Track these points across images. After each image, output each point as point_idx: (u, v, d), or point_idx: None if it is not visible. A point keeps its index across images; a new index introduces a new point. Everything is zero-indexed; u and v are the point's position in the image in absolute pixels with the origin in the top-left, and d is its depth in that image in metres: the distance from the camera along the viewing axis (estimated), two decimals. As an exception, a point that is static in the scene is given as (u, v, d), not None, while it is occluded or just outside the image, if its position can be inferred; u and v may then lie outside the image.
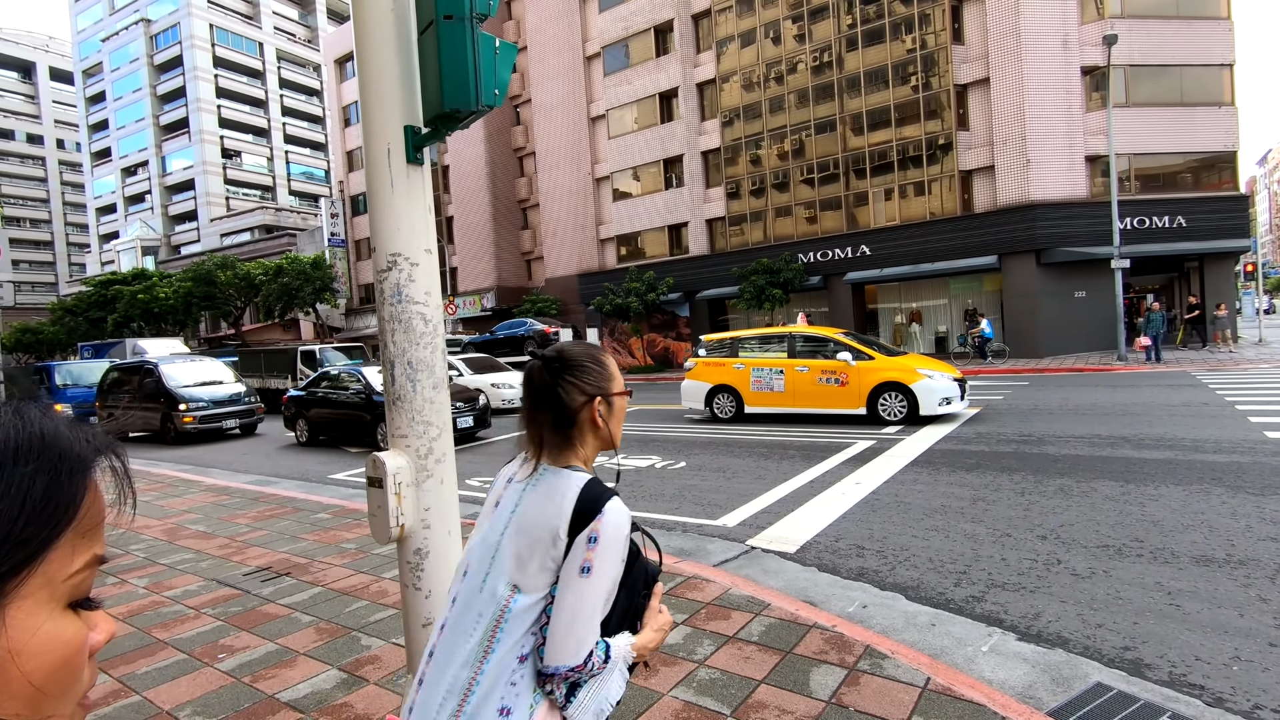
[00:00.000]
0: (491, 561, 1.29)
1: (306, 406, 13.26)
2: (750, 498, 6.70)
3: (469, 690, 1.21)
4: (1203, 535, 4.79)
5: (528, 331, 26.08)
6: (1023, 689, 2.97)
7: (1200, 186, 24.51)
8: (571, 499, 1.28)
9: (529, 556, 1.26)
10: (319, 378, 13.65)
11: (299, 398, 13.59)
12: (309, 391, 13.43)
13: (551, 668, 1.21)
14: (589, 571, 1.23)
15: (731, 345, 12.87)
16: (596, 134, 35.23)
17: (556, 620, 1.22)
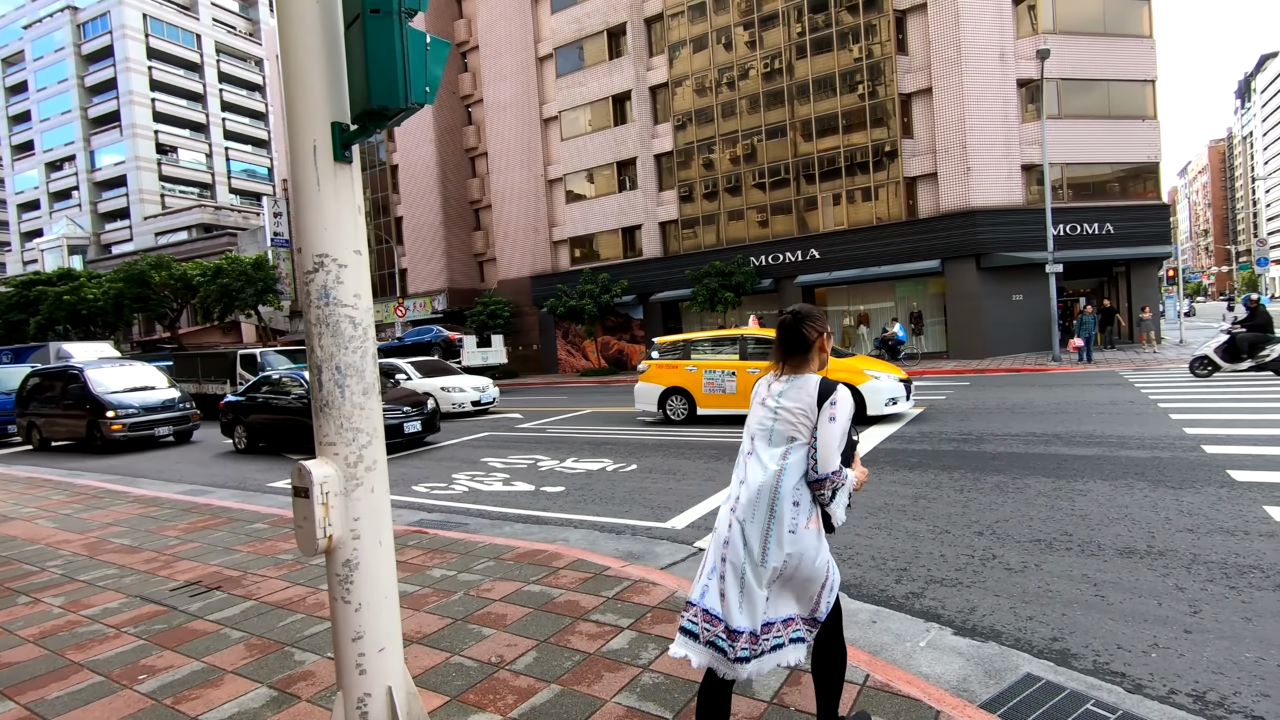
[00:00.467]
0: (773, 426, 2.35)
1: (245, 412, 12.78)
2: (700, 499, 6.73)
3: (775, 493, 2.26)
4: (1126, 528, 5.01)
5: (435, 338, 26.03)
6: (957, 682, 3.04)
7: (1127, 195, 25.81)
8: (815, 387, 2.33)
9: (798, 420, 2.30)
10: (259, 382, 13.17)
11: (237, 403, 13.08)
12: (249, 396, 12.94)
13: (819, 475, 2.26)
14: (834, 420, 2.27)
15: (684, 347, 12.93)
16: (549, 135, 35.05)
17: (821, 448, 2.25)
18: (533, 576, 4.55)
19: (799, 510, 2.25)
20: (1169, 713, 2.74)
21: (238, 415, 12.93)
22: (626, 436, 11.47)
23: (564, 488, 7.76)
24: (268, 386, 12.82)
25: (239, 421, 12.89)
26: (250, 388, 13.21)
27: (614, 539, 5.54)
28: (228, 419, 13.18)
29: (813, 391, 2.31)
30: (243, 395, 13.18)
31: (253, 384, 13.29)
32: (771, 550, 2.24)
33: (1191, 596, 3.81)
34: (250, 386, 13.26)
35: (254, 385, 13.18)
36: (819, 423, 2.27)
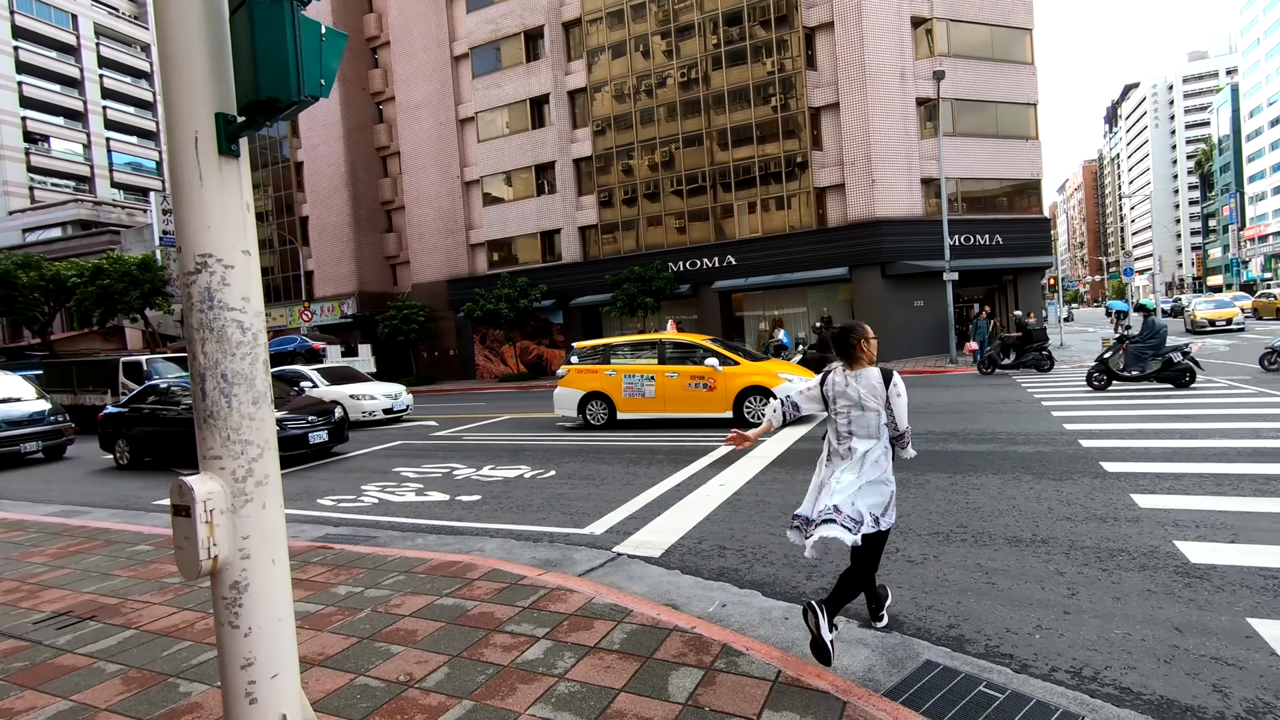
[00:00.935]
0: (862, 405, 3.33)
1: (129, 424, 11.79)
2: (618, 504, 6.73)
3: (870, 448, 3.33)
4: (1014, 519, 5.38)
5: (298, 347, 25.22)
6: (863, 673, 3.16)
7: (1013, 209, 27.85)
8: (879, 374, 3.33)
9: (874, 398, 3.30)
10: (145, 391, 12.19)
11: (119, 415, 12.05)
12: (133, 407, 11.95)
13: (897, 432, 3.38)
14: (900, 395, 3.32)
15: (604, 352, 12.93)
16: (466, 136, 34.33)
17: (896, 414, 3.34)
18: (446, 589, 4.41)
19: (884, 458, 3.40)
20: (1051, 689, 2.94)
21: (120, 428, 11.90)
22: (546, 443, 11.34)
23: (480, 496, 7.58)
24: (155, 396, 11.88)
25: (121, 435, 11.88)
26: (135, 398, 12.20)
27: (531, 547, 5.45)
28: (108, 432, 12.12)
29: (877, 379, 3.36)
30: (126, 406, 12.15)
31: (137, 394, 12.29)
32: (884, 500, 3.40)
33: (1070, 580, 4.12)
34: (135, 396, 12.25)
35: (139, 395, 12.18)
36: (889, 397, 3.34)
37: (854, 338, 3.40)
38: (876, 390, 3.33)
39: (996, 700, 2.87)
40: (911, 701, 2.89)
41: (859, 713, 2.72)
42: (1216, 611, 3.56)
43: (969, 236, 25.98)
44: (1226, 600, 3.68)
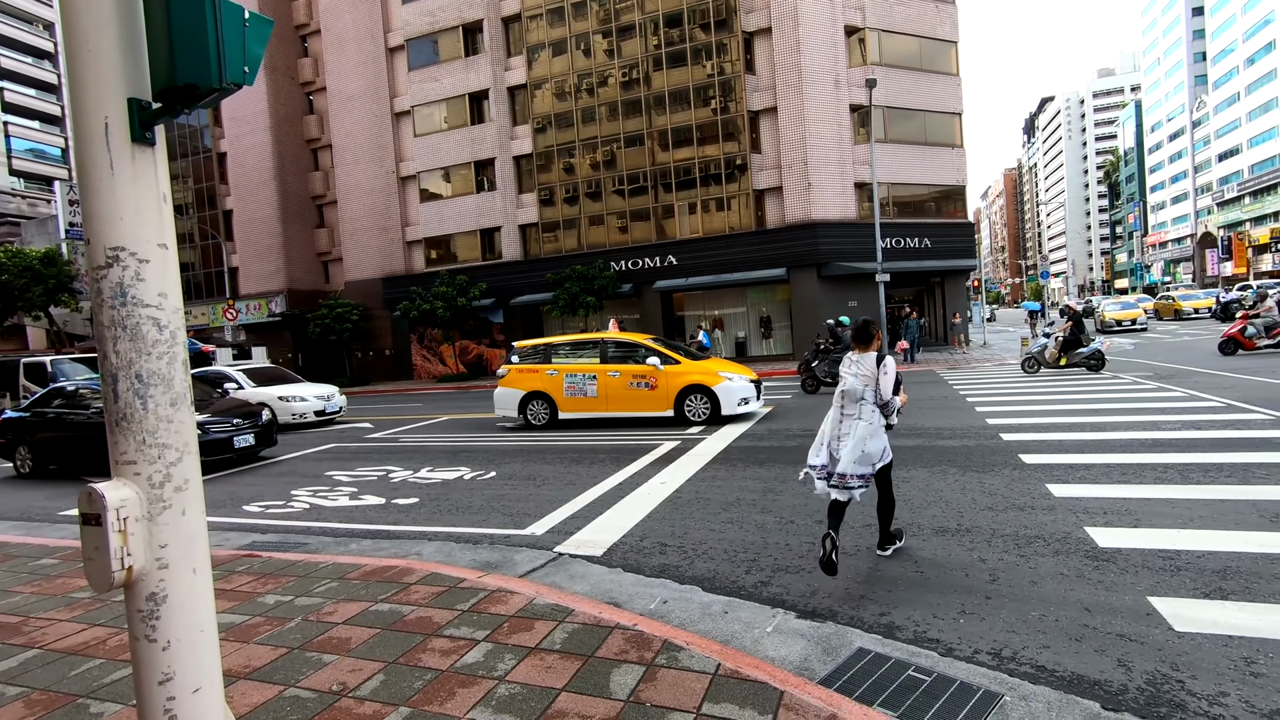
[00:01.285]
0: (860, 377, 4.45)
1: (31, 430, 10.99)
2: (560, 504, 6.69)
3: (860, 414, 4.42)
4: (941, 510, 5.62)
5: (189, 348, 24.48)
6: (799, 662, 3.25)
7: (940, 214, 29.07)
8: (874, 357, 4.47)
9: (869, 376, 4.43)
10: (51, 394, 11.39)
11: (20, 420, 11.23)
12: (35, 412, 11.14)
13: (883, 400, 4.44)
14: (887, 374, 4.40)
15: (545, 352, 12.83)
16: (401, 130, 33.46)
17: (881, 388, 4.40)
18: (381, 595, 4.29)
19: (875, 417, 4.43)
20: (973, 670, 3.09)
21: (21, 434, 11.09)
22: (486, 443, 11.17)
23: (418, 499, 7.41)
24: (61, 399, 11.10)
25: (22, 441, 11.06)
26: (38, 401, 11.38)
27: (471, 549, 5.36)
28: (8, 439, 11.27)
29: (872, 360, 4.47)
30: (28, 410, 11.32)
31: (41, 397, 11.46)
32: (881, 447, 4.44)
33: (991, 566, 4.34)
34: (38, 400, 11.43)
35: (43, 398, 11.37)
36: (878, 374, 4.41)
37: (873, 329, 4.66)
38: (871, 368, 4.45)
39: (924, 683, 2.99)
40: (845, 688, 2.98)
41: (795, 701, 2.79)
42: (1121, 592, 3.82)
43: (900, 240, 26.98)
44: (1130, 581, 3.95)
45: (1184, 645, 3.20)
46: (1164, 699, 2.79)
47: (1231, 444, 7.12)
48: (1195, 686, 2.86)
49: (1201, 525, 4.75)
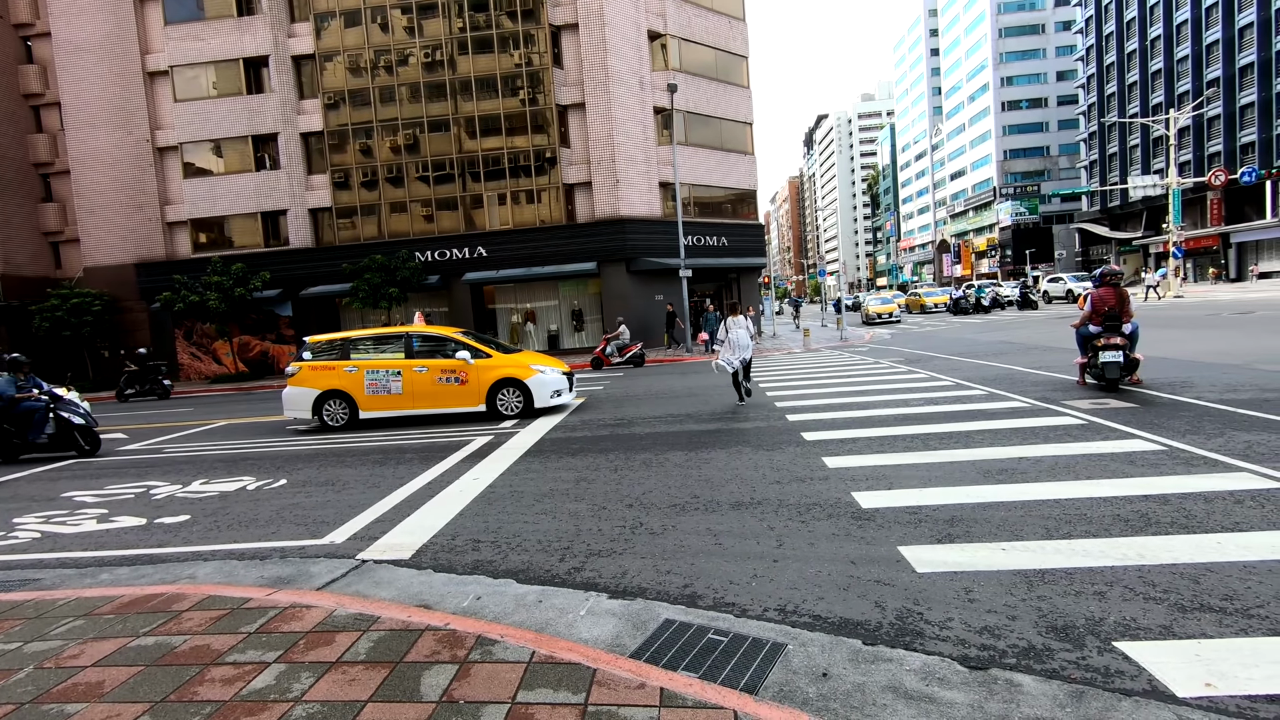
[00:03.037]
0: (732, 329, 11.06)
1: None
2: (362, 508, 6.28)
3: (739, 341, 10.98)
4: (737, 486, 6.14)
5: None
6: (611, 640, 3.39)
7: (736, 215, 31.47)
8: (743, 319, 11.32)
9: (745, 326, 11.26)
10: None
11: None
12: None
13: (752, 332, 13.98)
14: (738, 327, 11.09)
15: (342, 347, 11.89)
16: (157, 93, 28.92)
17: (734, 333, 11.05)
18: (144, 628, 3.74)
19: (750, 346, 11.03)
20: (764, 626, 3.45)
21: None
22: (274, 449, 10.12)
23: (189, 516, 6.52)
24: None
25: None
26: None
27: (258, 566, 4.85)
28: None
29: (744, 319, 11.22)
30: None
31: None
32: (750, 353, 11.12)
33: (779, 533, 4.84)
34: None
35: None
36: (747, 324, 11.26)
37: (738, 307, 11.42)
38: (744, 322, 11.05)
39: (721, 643, 3.28)
40: (653, 657, 3.17)
41: (607, 676, 2.92)
42: (878, 545, 4.47)
43: (700, 238, 28.78)
44: (885, 535, 4.63)
45: (923, 584, 3.84)
46: (908, 629, 3.33)
47: (959, 415, 8.59)
48: (930, 616, 3.45)
49: (937, 484, 5.69)
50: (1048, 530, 4.47)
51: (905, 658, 3.04)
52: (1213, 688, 2.68)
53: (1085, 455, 6.24)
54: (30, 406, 10.39)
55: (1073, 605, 3.44)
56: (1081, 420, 7.76)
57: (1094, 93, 68.05)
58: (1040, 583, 3.73)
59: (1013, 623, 3.32)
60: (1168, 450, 6.19)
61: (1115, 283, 9.82)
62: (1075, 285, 38.91)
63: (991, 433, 7.46)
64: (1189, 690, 2.68)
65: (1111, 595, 3.52)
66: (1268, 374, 9.75)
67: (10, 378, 10.54)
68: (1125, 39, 62.64)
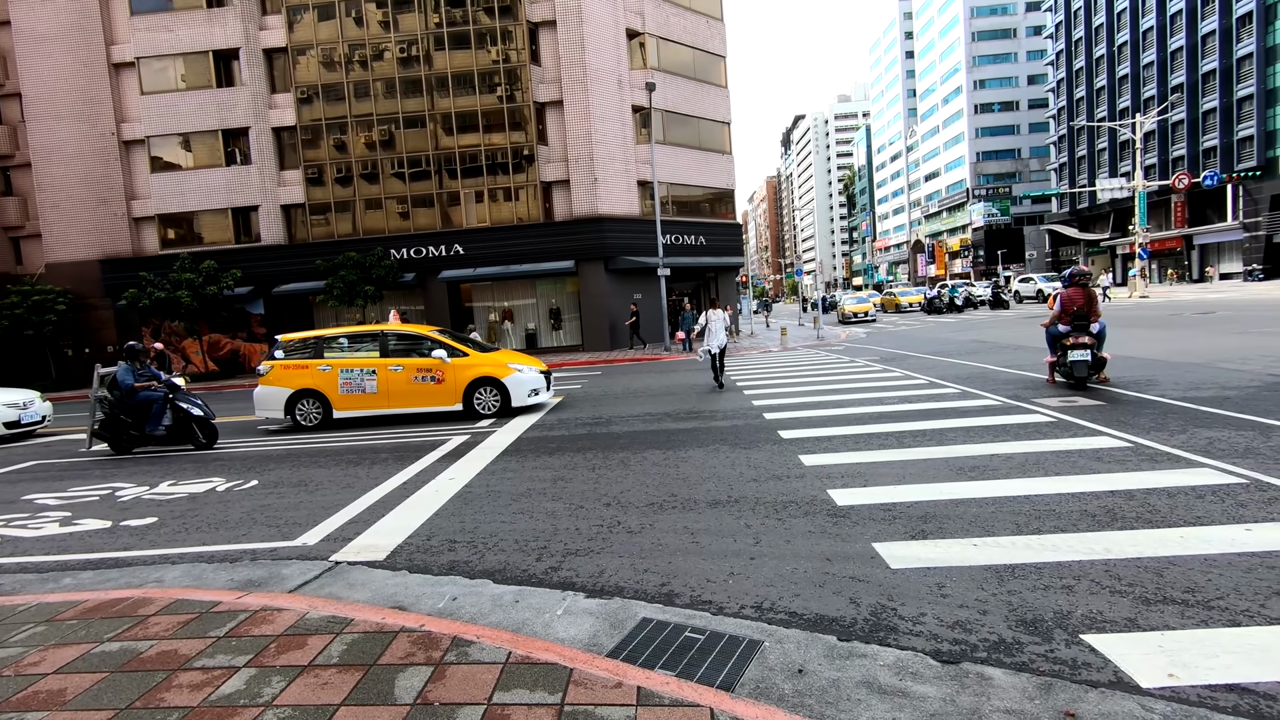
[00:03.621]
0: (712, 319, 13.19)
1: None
2: (336, 509, 6.19)
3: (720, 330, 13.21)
4: (714, 484, 6.16)
5: None
6: (589, 640, 3.38)
7: (714, 215, 31.56)
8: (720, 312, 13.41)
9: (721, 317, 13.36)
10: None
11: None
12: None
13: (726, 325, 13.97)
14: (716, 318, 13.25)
15: (316, 345, 11.71)
16: (124, 85, 28.23)
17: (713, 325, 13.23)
18: (108, 633, 3.65)
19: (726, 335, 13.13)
20: (740, 624, 3.46)
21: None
22: (245, 449, 9.94)
23: (156, 518, 6.38)
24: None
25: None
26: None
27: (227, 569, 4.76)
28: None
29: (721, 312, 13.34)
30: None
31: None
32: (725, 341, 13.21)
33: (755, 531, 4.87)
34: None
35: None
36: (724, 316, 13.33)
37: (718, 303, 13.61)
38: (721, 314, 13.16)
39: (698, 641, 3.29)
40: (630, 656, 3.17)
41: (584, 676, 2.91)
42: (853, 541, 4.51)
43: (679, 237, 28.83)
44: (860, 532, 4.68)
45: (897, 579, 3.88)
46: (882, 625, 3.37)
47: (933, 414, 8.72)
48: (904, 611, 3.49)
49: (911, 481, 5.77)
50: (1018, 526, 4.55)
51: (879, 653, 3.07)
52: (1175, 678, 2.75)
53: (1054, 452, 6.37)
54: (149, 397, 10.01)
55: (1042, 599, 3.51)
56: (1051, 418, 7.92)
57: (1063, 97, 69.48)
58: (1010, 577, 3.79)
59: (984, 617, 3.37)
60: (1133, 447, 6.34)
61: (1084, 283, 10.03)
62: (1045, 285, 39.68)
63: (964, 430, 7.58)
64: (1152, 681, 2.74)
65: (1079, 589, 3.60)
66: (1227, 372, 10.04)
67: (128, 366, 10.11)
68: (1094, 44, 64.04)
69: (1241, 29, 48.57)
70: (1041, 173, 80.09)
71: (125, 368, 10.04)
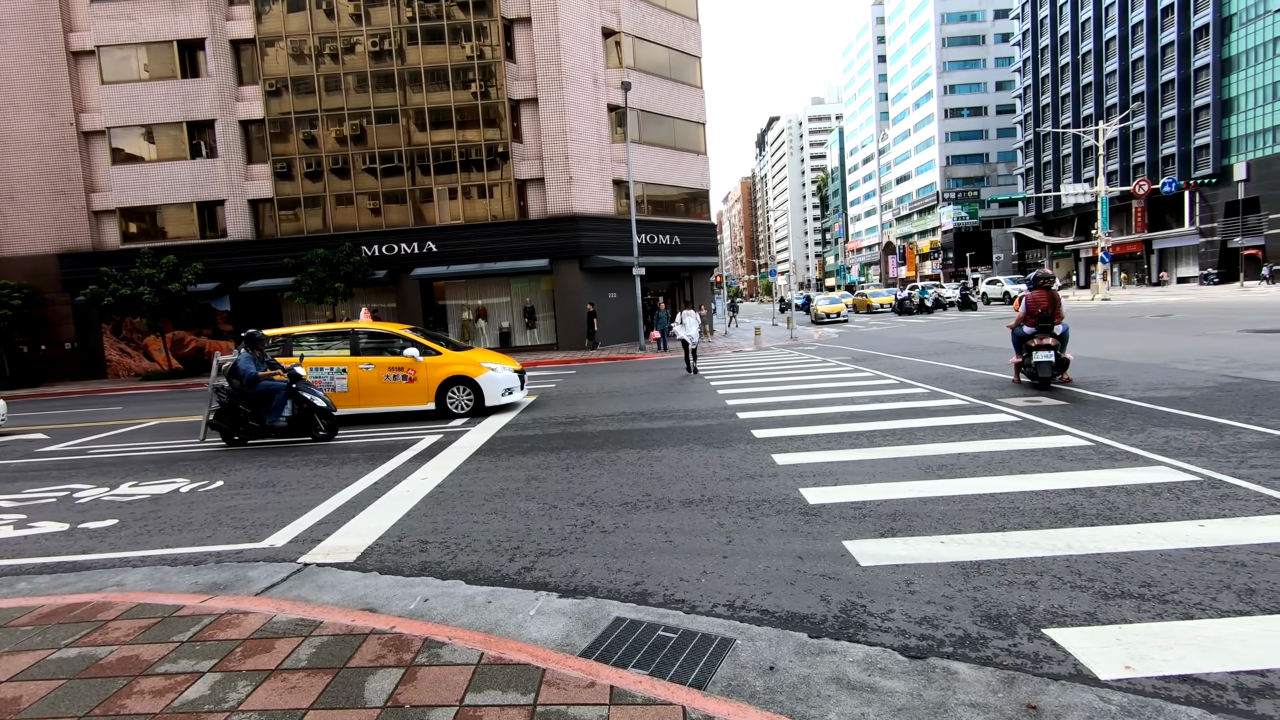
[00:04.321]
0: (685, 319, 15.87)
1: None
2: (305, 510, 6.09)
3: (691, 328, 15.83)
4: (688, 484, 6.19)
5: None
6: (561, 639, 3.37)
7: (689, 214, 31.66)
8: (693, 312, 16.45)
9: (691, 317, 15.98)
10: None
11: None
12: None
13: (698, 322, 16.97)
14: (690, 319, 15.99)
15: (285, 343, 11.50)
16: (83, 73, 27.41)
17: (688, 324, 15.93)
18: (66, 639, 3.55)
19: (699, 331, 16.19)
20: (713, 622, 3.49)
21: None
22: (210, 449, 9.72)
23: (117, 520, 6.21)
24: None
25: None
26: None
27: (192, 572, 4.65)
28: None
29: (695, 312, 17.00)
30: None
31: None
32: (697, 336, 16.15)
33: (728, 530, 4.90)
34: None
35: None
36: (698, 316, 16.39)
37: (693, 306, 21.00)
38: (695, 315, 15.91)
39: (671, 640, 3.31)
40: (603, 656, 3.18)
41: (557, 676, 2.91)
42: (824, 539, 4.57)
43: (654, 236, 28.87)
44: (831, 530, 4.75)
45: (867, 577, 3.95)
46: (852, 622, 3.42)
47: (902, 413, 8.86)
48: (873, 608, 3.55)
49: (881, 479, 5.86)
50: (984, 523, 4.65)
51: (849, 649, 3.12)
52: (1131, 670, 2.84)
53: (1019, 451, 6.52)
54: (271, 386, 9.62)
55: (1006, 595, 3.60)
56: (1016, 417, 8.10)
57: (1030, 103, 71.07)
58: (976, 574, 3.88)
59: (950, 613, 3.44)
60: (1094, 445, 6.52)
61: (1048, 286, 10.28)
62: (1012, 288, 40.56)
63: (933, 429, 7.72)
64: (1110, 673, 2.83)
65: (1041, 584, 3.69)
66: (1184, 373, 10.37)
67: (250, 355, 9.72)
68: (1059, 53, 65.60)
69: (1199, 40, 50.19)
70: (1009, 177, 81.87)
71: (247, 356, 9.71)
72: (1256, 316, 19.52)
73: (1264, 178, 45.60)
